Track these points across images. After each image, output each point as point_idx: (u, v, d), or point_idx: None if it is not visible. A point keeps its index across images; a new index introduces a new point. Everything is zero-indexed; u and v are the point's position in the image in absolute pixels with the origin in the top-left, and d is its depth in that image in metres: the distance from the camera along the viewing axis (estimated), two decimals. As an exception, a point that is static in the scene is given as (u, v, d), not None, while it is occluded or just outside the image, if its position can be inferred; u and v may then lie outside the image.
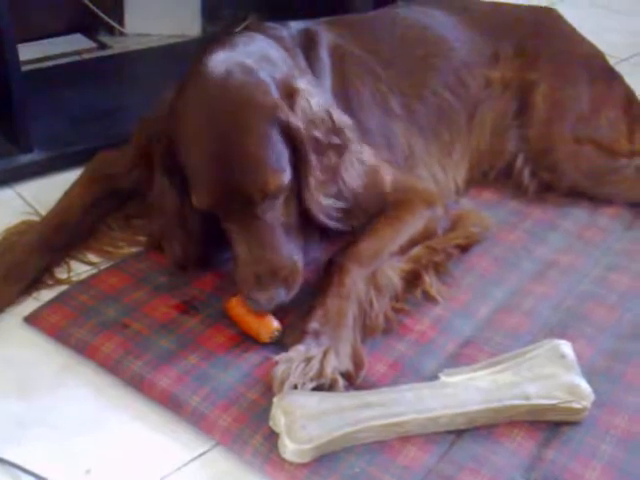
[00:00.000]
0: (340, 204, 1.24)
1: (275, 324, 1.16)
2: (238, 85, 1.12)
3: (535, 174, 1.58)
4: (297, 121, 1.15)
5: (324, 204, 1.21)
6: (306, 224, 1.23)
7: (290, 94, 1.16)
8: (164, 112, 1.18)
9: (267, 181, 1.11)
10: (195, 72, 1.16)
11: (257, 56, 1.18)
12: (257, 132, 1.11)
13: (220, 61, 1.15)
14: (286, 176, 1.14)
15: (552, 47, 1.64)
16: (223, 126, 1.10)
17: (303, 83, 1.20)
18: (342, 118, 1.24)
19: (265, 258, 1.14)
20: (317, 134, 1.19)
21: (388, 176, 1.35)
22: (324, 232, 1.29)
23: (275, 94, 1.14)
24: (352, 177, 1.25)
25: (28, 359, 1.15)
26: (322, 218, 1.22)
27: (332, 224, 1.24)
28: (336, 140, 1.22)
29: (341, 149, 1.24)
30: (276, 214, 1.16)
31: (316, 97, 1.20)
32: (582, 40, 1.71)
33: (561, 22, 1.73)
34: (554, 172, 1.57)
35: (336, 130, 1.22)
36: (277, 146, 1.13)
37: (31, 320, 1.21)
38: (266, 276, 1.13)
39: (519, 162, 1.59)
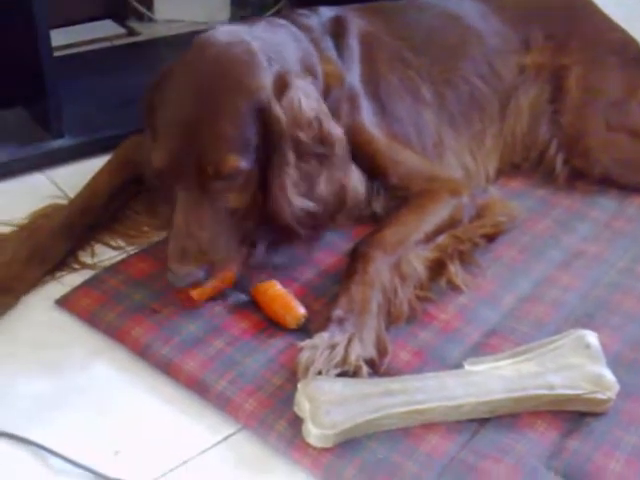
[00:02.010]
0: (311, 207, 1.20)
1: (301, 311, 1.17)
2: (231, 59, 1.15)
3: (567, 161, 1.57)
4: (279, 113, 1.14)
5: (294, 205, 1.18)
6: (262, 224, 1.20)
7: (282, 86, 1.16)
8: (162, 72, 1.19)
9: (224, 159, 1.10)
10: (198, 40, 1.18)
11: (266, 43, 1.20)
12: (231, 109, 1.12)
13: (228, 33, 1.18)
14: (246, 162, 1.12)
15: (583, 32, 1.62)
16: (200, 93, 1.12)
17: (303, 83, 1.20)
18: (334, 131, 1.22)
19: (197, 236, 1.12)
20: (301, 136, 1.17)
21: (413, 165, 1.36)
22: (280, 235, 1.24)
23: (266, 81, 1.15)
24: (325, 191, 1.22)
25: (58, 341, 1.18)
26: (288, 219, 1.19)
27: (296, 227, 1.21)
28: (320, 149, 1.20)
29: (324, 160, 1.21)
30: (227, 197, 1.14)
31: (312, 100, 1.19)
32: (613, 25, 1.69)
33: (591, 7, 1.71)
34: (586, 159, 1.55)
35: (323, 139, 1.20)
36: (247, 130, 1.12)
37: (62, 303, 1.23)
38: (191, 253, 1.11)
39: (552, 149, 1.57)
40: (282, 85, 1.16)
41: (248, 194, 1.17)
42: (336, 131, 1.23)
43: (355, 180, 1.28)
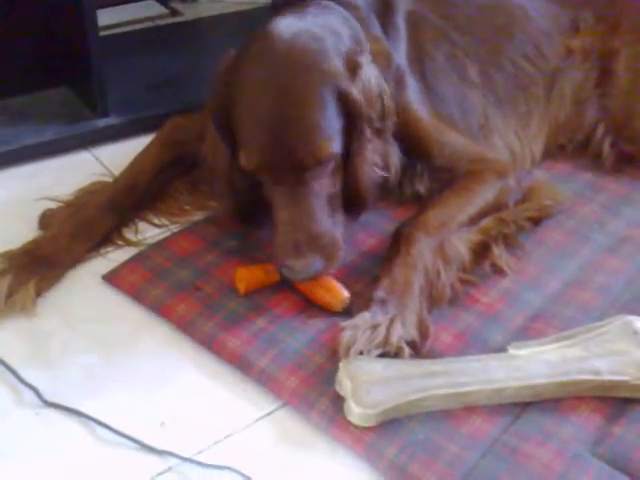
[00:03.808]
0: (380, 178, 1.23)
1: (345, 293, 1.17)
2: (303, 49, 1.14)
3: (615, 145, 1.54)
4: (357, 95, 1.15)
5: (373, 178, 1.21)
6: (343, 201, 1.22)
7: (354, 68, 1.17)
8: (226, 66, 1.20)
9: (319, 147, 1.12)
10: (263, 32, 1.17)
11: (326, 27, 1.20)
12: (315, 97, 1.12)
13: (289, 24, 1.17)
14: (337, 145, 1.14)
15: (633, 14, 1.58)
16: (282, 87, 1.12)
17: (367, 61, 1.21)
18: (390, 104, 1.24)
19: (305, 225, 1.13)
20: (371, 113, 1.19)
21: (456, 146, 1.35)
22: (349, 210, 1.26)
23: (339, 64, 1.15)
24: (380, 163, 1.24)
25: (106, 315, 1.20)
26: (367, 192, 1.22)
27: (370, 199, 1.24)
28: (379, 125, 1.22)
29: (380, 135, 1.24)
30: (323, 183, 1.15)
31: (376, 77, 1.21)
32: (665, 8, 1.65)
33: (642, -13, 1.67)
34: (635, 143, 1.53)
35: (383, 115, 1.23)
36: (332, 114, 1.13)
37: (109, 278, 1.26)
38: (304, 244, 1.12)
39: (599, 133, 1.55)
40: (353, 66, 1.18)
41: (339, 177, 1.19)
42: (392, 105, 1.25)
43: (395, 154, 1.29)
